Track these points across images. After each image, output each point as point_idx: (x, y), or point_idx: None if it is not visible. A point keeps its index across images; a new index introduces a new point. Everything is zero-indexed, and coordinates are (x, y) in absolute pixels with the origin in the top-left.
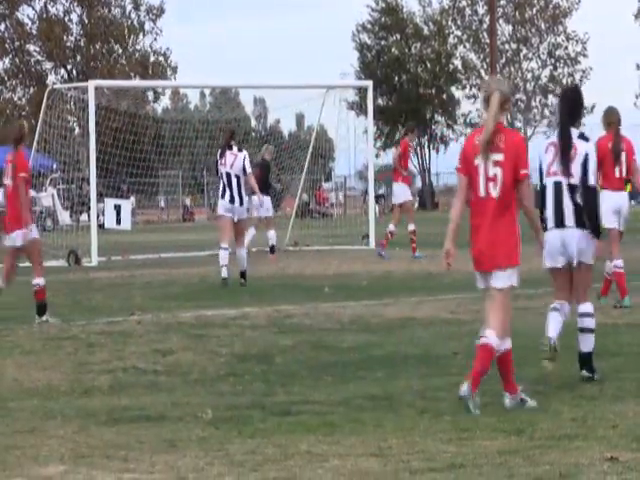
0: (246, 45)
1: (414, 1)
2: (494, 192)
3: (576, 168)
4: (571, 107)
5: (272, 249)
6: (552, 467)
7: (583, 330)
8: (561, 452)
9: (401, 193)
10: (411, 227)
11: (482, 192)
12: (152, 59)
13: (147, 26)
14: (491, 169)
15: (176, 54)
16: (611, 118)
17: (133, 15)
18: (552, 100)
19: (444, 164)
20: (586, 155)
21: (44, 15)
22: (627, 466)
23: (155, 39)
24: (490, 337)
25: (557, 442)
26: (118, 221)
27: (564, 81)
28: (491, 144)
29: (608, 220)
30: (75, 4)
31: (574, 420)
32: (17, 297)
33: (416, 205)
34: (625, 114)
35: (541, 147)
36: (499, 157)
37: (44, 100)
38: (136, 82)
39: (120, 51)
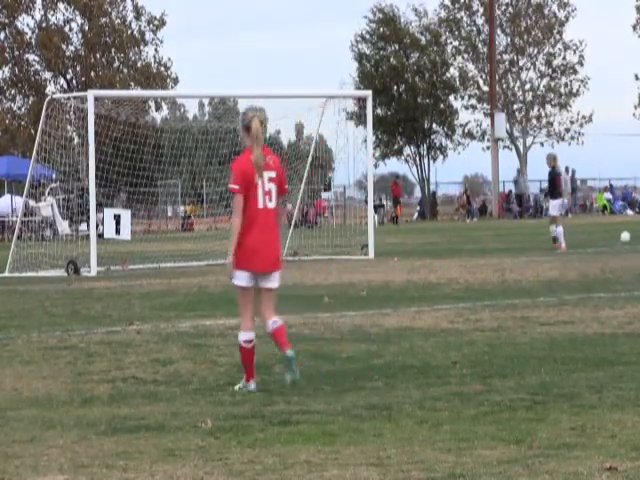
0: (245, 57)
1: (411, 12)
2: (271, 204)
3: None
4: None
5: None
6: (551, 476)
7: None
8: (560, 461)
9: None
10: None
11: (261, 204)
12: (153, 69)
13: (147, 36)
14: (267, 184)
15: (176, 65)
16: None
17: (134, 25)
18: (550, 110)
19: (442, 174)
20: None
21: (44, 24)
22: (626, 475)
23: (156, 50)
24: (278, 320)
25: (556, 451)
26: (117, 231)
27: (562, 91)
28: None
29: None
30: (76, 13)
31: (573, 429)
32: (16, 307)
33: (415, 215)
34: (624, 124)
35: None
36: (272, 174)
37: (43, 110)
38: (136, 92)
39: (121, 61)
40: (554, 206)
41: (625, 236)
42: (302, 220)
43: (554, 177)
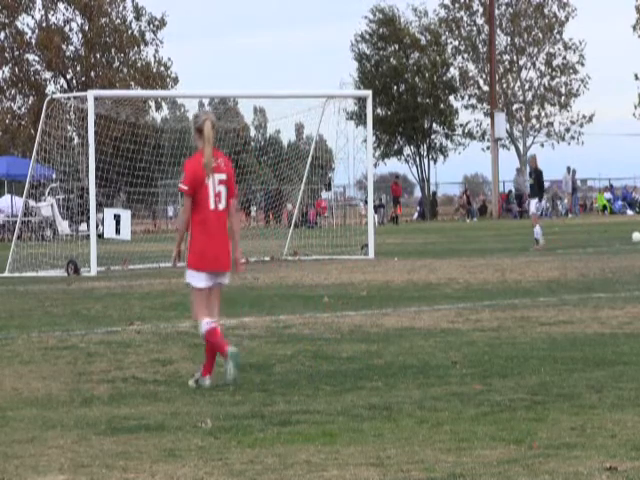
0: (245, 57)
1: (411, 11)
2: (220, 206)
3: None
4: None
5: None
6: (551, 476)
7: None
8: (560, 461)
9: None
10: None
11: (212, 206)
12: (153, 69)
13: (148, 37)
14: (217, 187)
15: (176, 65)
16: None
17: (134, 25)
18: (551, 110)
19: (442, 174)
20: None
21: (44, 24)
22: (626, 475)
23: (156, 50)
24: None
25: (556, 451)
26: (117, 231)
27: (562, 90)
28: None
29: None
30: (76, 13)
31: (573, 429)
32: (16, 307)
33: (415, 215)
34: (624, 124)
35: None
36: (223, 176)
37: (43, 109)
38: (136, 92)
39: (121, 61)
40: (538, 206)
41: (637, 236)
42: (302, 220)
43: (538, 176)
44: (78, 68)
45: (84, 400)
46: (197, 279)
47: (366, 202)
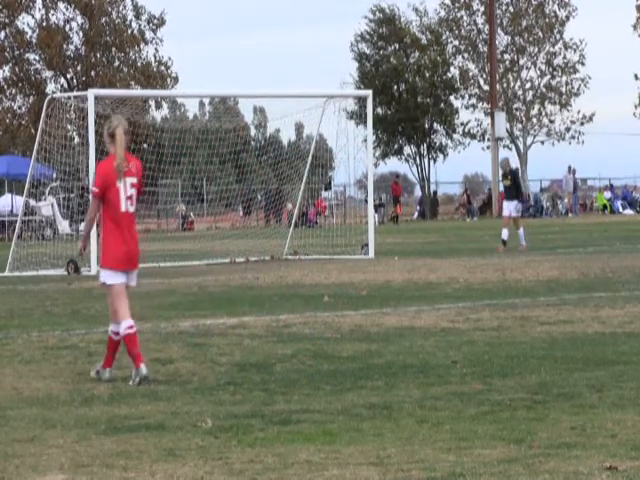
0: (245, 57)
1: (411, 11)
2: (131, 208)
3: None
4: None
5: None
6: (551, 476)
7: None
8: (560, 461)
9: None
10: None
11: (123, 208)
12: (154, 69)
13: (147, 36)
14: (129, 190)
15: (176, 65)
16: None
17: (134, 24)
18: (551, 109)
19: (442, 173)
20: None
21: (44, 23)
22: (626, 475)
23: (156, 49)
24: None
25: (556, 451)
26: None
27: (563, 90)
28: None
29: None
30: (76, 12)
31: (573, 429)
32: (16, 306)
33: (416, 214)
34: (624, 124)
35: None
36: (134, 180)
37: (44, 109)
38: (136, 91)
39: (121, 60)
40: (519, 207)
41: None
42: (302, 219)
43: (515, 177)
44: (78, 67)
45: (84, 400)
46: (113, 277)
47: (366, 201)
